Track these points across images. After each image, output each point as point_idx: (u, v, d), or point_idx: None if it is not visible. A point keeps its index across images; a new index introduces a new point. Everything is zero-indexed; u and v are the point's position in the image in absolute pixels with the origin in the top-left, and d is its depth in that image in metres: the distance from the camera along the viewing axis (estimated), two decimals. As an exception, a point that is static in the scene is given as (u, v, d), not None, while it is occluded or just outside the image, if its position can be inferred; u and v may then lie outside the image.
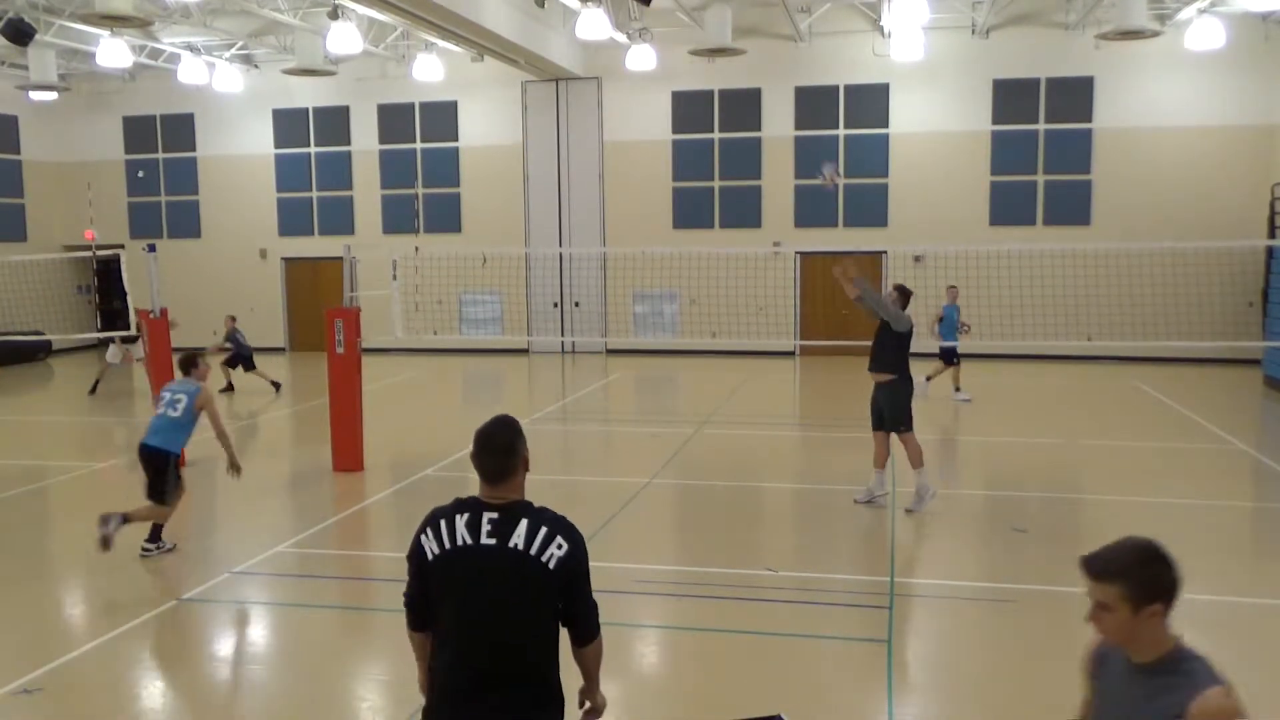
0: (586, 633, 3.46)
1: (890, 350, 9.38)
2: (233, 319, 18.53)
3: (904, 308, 9.47)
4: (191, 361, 8.82)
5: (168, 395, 8.64)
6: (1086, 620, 2.82)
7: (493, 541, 3.26)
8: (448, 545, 3.30)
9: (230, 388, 18.18)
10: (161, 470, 8.44)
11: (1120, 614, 2.91)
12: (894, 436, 9.63)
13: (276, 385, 18.11)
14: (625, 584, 7.72)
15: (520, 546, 3.25)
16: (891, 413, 9.46)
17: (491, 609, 3.26)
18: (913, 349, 9.64)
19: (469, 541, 3.28)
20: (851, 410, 16.61)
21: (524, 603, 3.27)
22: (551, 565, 3.25)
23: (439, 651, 3.36)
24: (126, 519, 8.20)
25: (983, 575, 8.02)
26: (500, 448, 3.36)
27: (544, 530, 3.28)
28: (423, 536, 3.35)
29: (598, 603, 3.45)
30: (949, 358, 16.28)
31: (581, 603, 3.39)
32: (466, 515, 3.31)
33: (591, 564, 3.40)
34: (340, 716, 5.83)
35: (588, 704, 3.65)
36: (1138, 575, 2.99)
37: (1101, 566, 2.96)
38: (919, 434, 9.74)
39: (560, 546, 3.27)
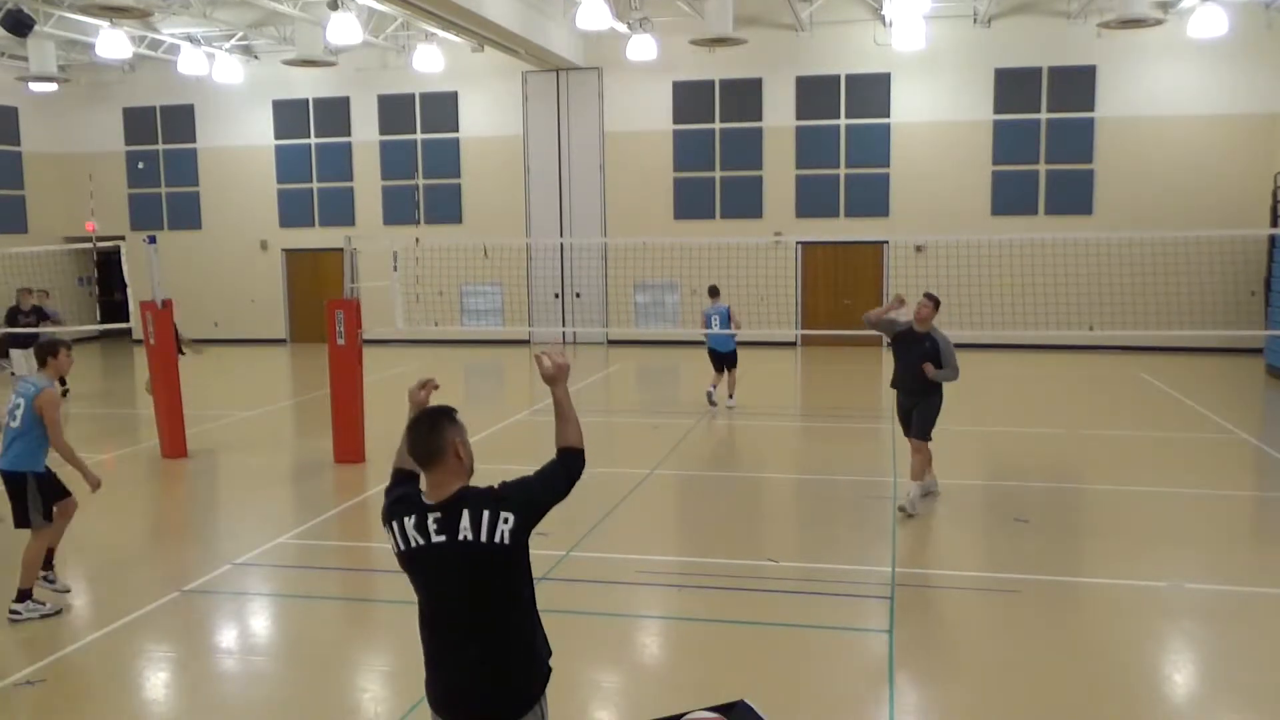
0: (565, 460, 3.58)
1: (928, 360, 9.46)
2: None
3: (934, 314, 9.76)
4: (50, 349, 7.33)
5: (11, 399, 7.23)
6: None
7: (443, 538, 3.31)
8: (403, 546, 3.39)
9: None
10: (19, 493, 7.08)
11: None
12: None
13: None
14: (627, 574, 7.73)
15: (469, 537, 3.29)
16: (929, 419, 9.51)
17: (458, 599, 3.36)
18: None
19: (420, 543, 3.34)
20: (853, 401, 16.62)
21: (490, 589, 3.35)
22: (507, 541, 3.31)
23: (421, 624, 3.47)
24: (49, 560, 7.19)
25: (984, 565, 8.02)
26: (425, 425, 3.41)
27: (486, 513, 3.31)
28: (390, 527, 3.43)
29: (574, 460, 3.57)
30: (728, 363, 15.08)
31: (549, 482, 3.51)
32: (413, 517, 3.37)
33: (593, 555, 3.44)
34: (342, 707, 5.84)
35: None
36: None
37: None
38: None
39: (506, 520, 3.31)
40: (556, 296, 23.46)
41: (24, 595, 7.00)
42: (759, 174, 22.48)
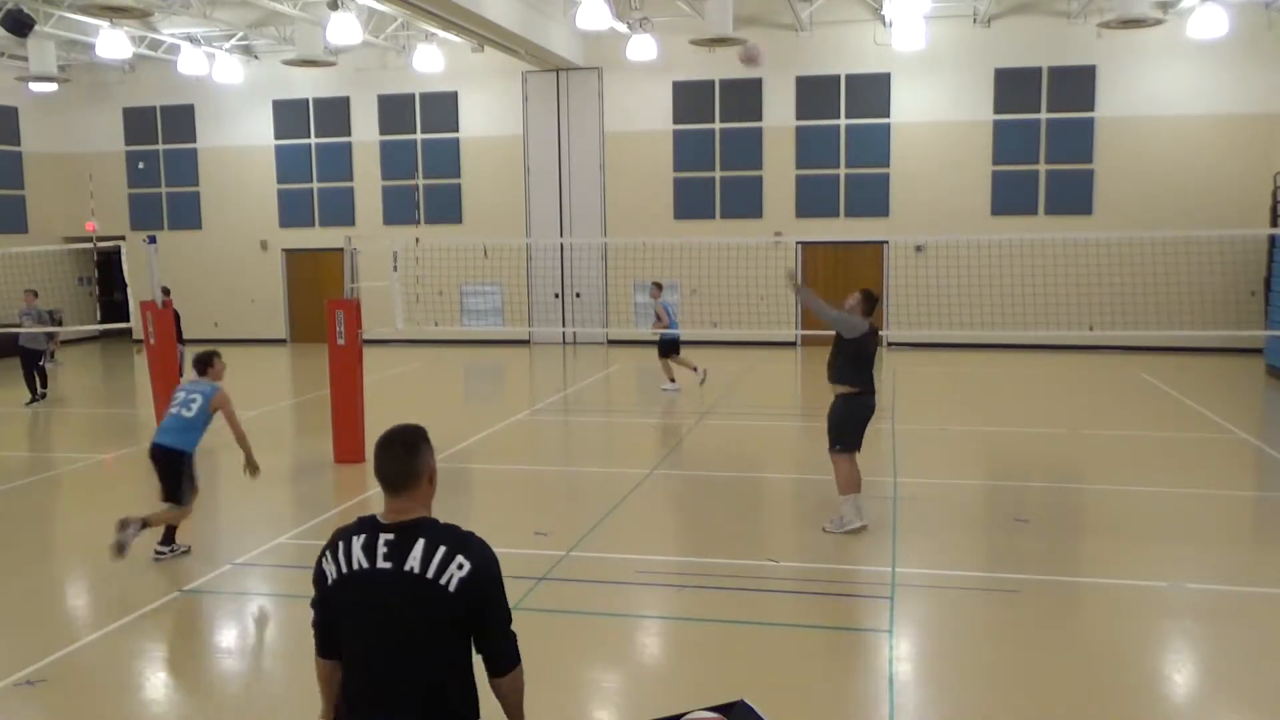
0: (502, 663, 3.17)
1: (843, 358, 8.63)
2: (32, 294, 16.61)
3: (869, 313, 8.64)
4: (207, 360, 8.56)
5: (181, 395, 8.39)
6: None
7: (388, 565, 3.03)
8: (344, 569, 3.08)
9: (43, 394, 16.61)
10: (176, 471, 8.20)
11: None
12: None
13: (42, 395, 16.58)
14: (626, 575, 7.73)
15: (416, 570, 3.00)
16: (830, 426, 8.68)
17: (389, 636, 3.05)
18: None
19: (364, 565, 3.05)
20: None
21: (423, 629, 3.03)
22: (452, 587, 2.99)
23: (344, 676, 3.18)
24: (145, 524, 7.95)
25: (984, 565, 8.02)
26: (402, 447, 3.15)
27: (442, 550, 3.02)
28: (323, 558, 3.14)
29: (516, 633, 3.20)
30: (670, 349, 16.43)
31: (491, 628, 3.12)
32: (363, 537, 3.09)
33: (593, 555, 3.37)
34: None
35: None
36: None
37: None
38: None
39: (461, 566, 3.01)
40: (556, 296, 23.46)
41: (169, 537, 8.35)
42: (759, 174, 22.49)
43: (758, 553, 8.24)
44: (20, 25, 17.10)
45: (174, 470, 8.19)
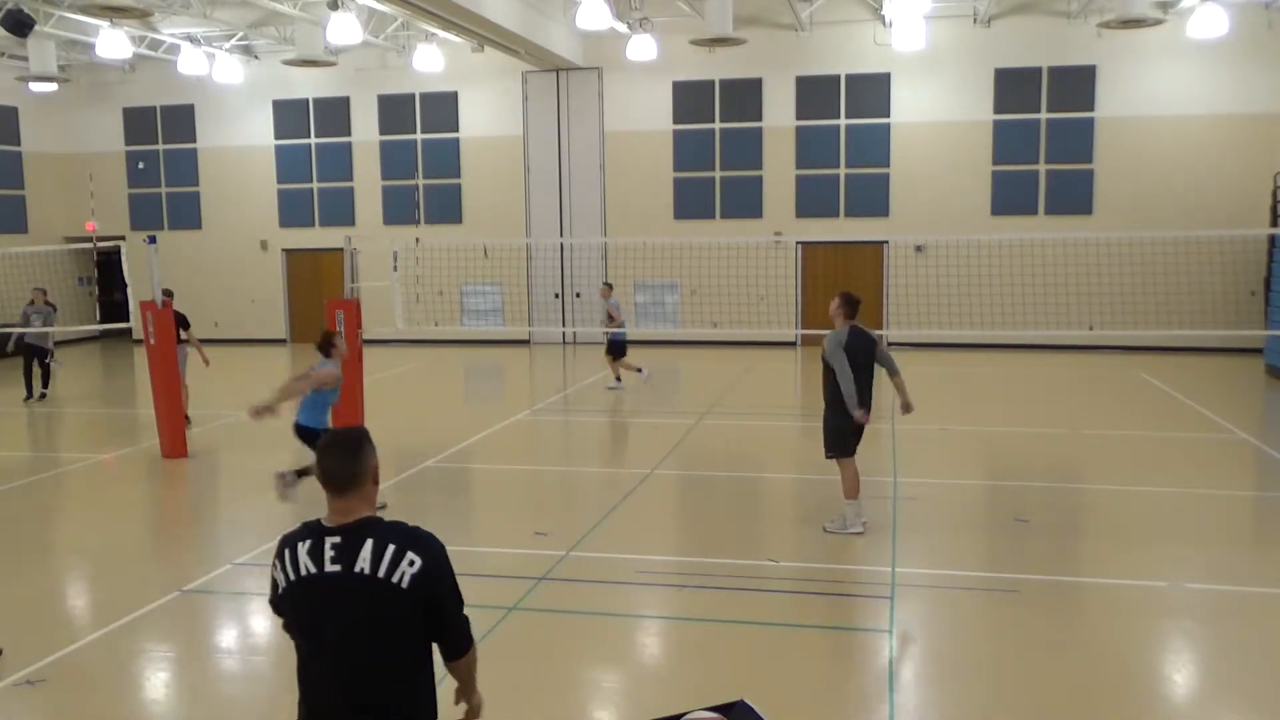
0: (455, 649, 3.23)
1: (834, 372, 8.51)
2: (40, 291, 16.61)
3: (852, 315, 8.58)
4: (329, 340, 9.36)
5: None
6: None
7: (337, 568, 3.01)
8: (292, 576, 3.07)
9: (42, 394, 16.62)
10: (313, 444, 8.80)
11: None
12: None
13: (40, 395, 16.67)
14: (627, 574, 7.73)
15: (367, 570, 2.99)
16: (824, 434, 8.70)
17: (343, 640, 3.04)
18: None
19: (312, 570, 3.03)
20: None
21: (379, 630, 3.03)
22: (405, 584, 2.99)
23: (301, 681, 3.18)
24: (304, 473, 8.82)
25: (984, 565, 8.01)
26: (345, 448, 3.14)
27: (392, 548, 3.01)
28: (274, 566, 3.13)
29: (468, 618, 3.24)
30: (618, 349, 16.75)
31: (447, 619, 3.14)
32: (309, 542, 3.07)
33: (593, 555, 3.37)
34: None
35: (463, 704, 3.39)
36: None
37: None
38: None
39: (412, 563, 3.00)
40: (556, 296, 23.46)
41: (304, 472, 8.98)
42: (759, 174, 22.48)
43: (758, 553, 8.24)
44: (20, 25, 17.10)
45: (313, 443, 8.51)
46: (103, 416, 16.33)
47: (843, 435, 8.62)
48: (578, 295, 23.34)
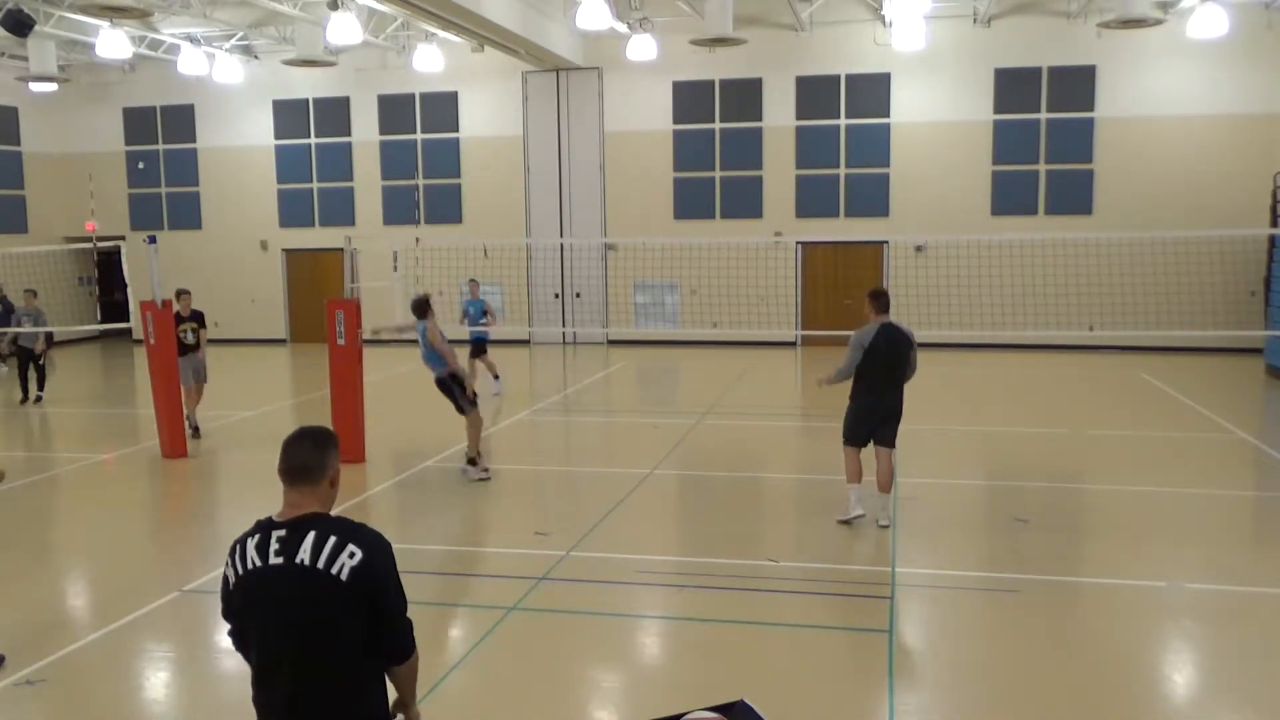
0: (396, 652, 3.19)
1: (858, 366, 8.73)
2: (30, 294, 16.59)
3: (882, 310, 8.70)
4: (424, 303, 10.69)
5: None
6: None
7: (280, 560, 3.03)
8: (240, 570, 3.10)
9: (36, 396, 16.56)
10: (449, 391, 10.64)
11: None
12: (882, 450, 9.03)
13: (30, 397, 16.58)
14: (627, 574, 7.73)
15: (306, 561, 3.00)
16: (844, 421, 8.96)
17: (286, 632, 3.04)
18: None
19: (258, 564, 3.06)
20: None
21: (319, 622, 3.01)
22: (344, 576, 2.98)
23: (253, 680, 3.17)
24: (473, 459, 10.45)
25: (984, 565, 8.01)
26: (311, 442, 3.16)
27: (333, 540, 3.01)
28: (225, 564, 3.15)
29: (412, 621, 3.20)
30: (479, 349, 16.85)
31: (387, 617, 3.11)
32: (257, 537, 3.10)
33: (593, 555, 3.36)
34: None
35: (400, 716, 3.36)
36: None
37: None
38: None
39: (352, 555, 3.00)
40: (556, 296, 23.46)
41: (472, 460, 10.61)
42: (759, 174, 22.49)
43: (758, 553, 8.24)
44: (20, 25, 17.10)
45: (447, 391, 10.70)
46: (103, 416, 16.33)
47: (851, 424, 8.86)
48: (578, 295, 23.34)
